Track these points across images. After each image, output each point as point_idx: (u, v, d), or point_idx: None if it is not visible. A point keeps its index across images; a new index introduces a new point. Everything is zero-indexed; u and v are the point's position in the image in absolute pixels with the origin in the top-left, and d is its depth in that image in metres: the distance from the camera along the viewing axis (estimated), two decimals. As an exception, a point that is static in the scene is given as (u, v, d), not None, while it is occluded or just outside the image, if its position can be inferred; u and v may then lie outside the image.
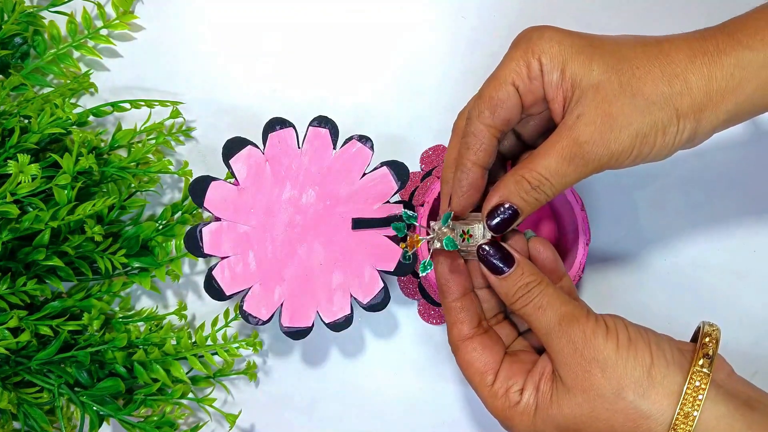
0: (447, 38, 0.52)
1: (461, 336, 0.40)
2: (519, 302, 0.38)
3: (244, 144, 0.44)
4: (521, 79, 0.36)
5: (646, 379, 0.35)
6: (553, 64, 0.36)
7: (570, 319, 0.36)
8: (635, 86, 0.35)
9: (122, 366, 0.47)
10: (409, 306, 0.52)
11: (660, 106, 0.35)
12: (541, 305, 0.37)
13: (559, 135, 0.36)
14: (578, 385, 0.36)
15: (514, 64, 0.37)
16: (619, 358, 0.35)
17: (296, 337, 0.45)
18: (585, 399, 0.35)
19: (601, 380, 0.35)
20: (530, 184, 0.36)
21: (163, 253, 0.49)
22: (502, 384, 0.38)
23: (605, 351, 0.35)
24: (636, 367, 0.35)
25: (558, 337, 0.36)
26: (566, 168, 0.36)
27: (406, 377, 0.52)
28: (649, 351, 0.36)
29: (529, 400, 0.37)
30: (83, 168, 0.44)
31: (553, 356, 0.37)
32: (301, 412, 0.52)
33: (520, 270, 0.38)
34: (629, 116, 0.35)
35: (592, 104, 0.35)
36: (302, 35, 0.52)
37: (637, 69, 0.35)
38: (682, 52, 0.35)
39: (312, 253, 0.45)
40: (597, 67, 0.35)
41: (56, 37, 0.50)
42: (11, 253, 0.45)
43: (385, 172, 0.45)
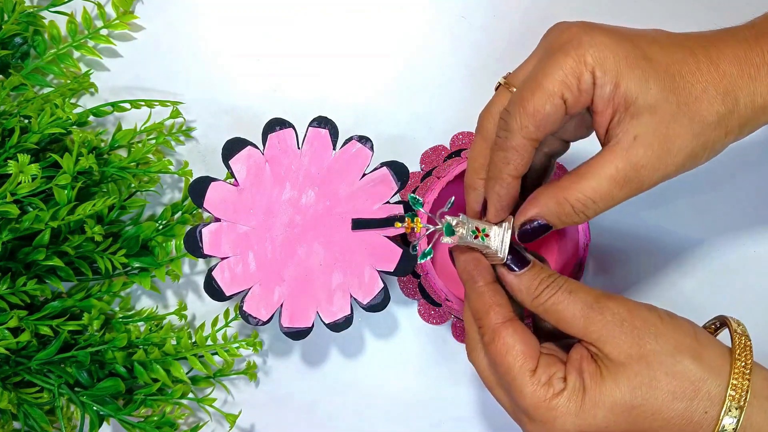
0: (447, 38, 0.52)
1: (501, 319, 0.37)
2: (545, 293, 0.36)
3: (244, 144, 0.44)
4: (571, 93, 0.34)
5: (697, 343, 0.35)
6: (607, 77, 0.33)
7: (607, 296, 0.36)
8: (693, 107, 0.34)
9: (122, 366, 0.47)
10: (409, 306, 0.52)
11: (714, 126, 0.34)
12: (572, 289, 0.36)
13: (613, 155, 0.34)
14: (632, 356, 0.34)
15: (563, 75, 0.33)
16: (666, 327, 0.35)
17: (296, 337, 0.45)
18: (641, 368, 0.34)
19: (656, 346, 0.34)
20: (573, 207, 0.35)
21: (163, 253, 0.49)
22: (545, 370, 0.36)
23: (653, 320, 0.35)
24: (686, 334, 0.35)
25: (601, 313, 0.35)
26: (618, 192, 0.34)
27: (406, 377, 0.52)
28: (690, 324, 0.36)
29: (576, 386, 0.35)
30: (83, 168, 0.44)
31: (596, 336, 0.35)
32: (301, 412, 0.52)
33: (537, 266, 0.37)
34: (686, 138, 0.34)
35: (650, 126, 0.33)
36: (302, 35, 0.52)
37: (693, 87, 0.34)
38: (731, 65, 0.34)
39: (312, 253, 0.45)
40: (654, 86, 0.33)
41: (56, 37, 0.50)
42: (11, 253, 0.45)
43: (384, 173, 0.45)
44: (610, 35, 0.34)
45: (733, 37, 0.35)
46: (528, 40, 0.51)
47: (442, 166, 0.49)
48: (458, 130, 0.51)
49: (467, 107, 0.51)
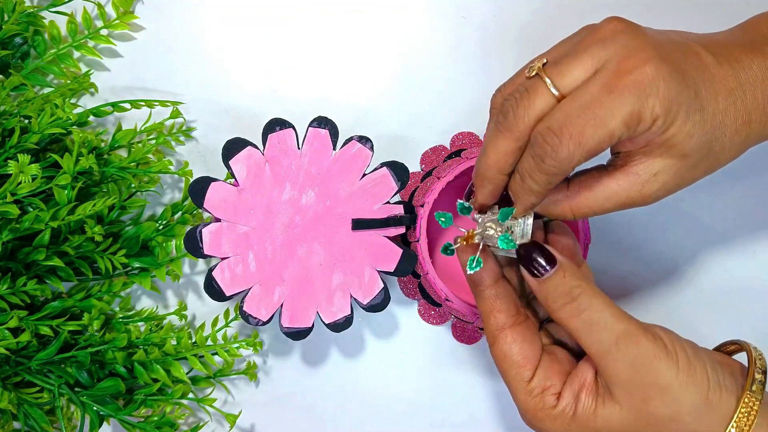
0: (447, 38, 0.52)
1: (499, 325, 0.37)
2: (564, 311, 0.35)
3: (244, 145, 0.44)
4: (628, 133, 0.32)
5: (704, 404, 0.34)
6: (660, 125, 0.32)
7: (627, 339, 0.34)
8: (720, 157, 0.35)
9: (122, 366, 0.47)
10: (409, 306, 0.52)
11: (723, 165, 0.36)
12: (593, 321, 0.35)
13: (629, 185, 0.35)
14: (633, 406, 0.35)
15: (627, 117, 0.32)
16: (679, 383, 0.34)
17: (296, 337, 0.45)
18: (635, 419, 0.35)
19: (660, 406, 0.34)
20: (575, 215, 0.36)
21: (163, 253, 0.49)
22: (540, 383, 0.36)
23: (667, 377, 0.34)
24: (696, 393, 0.34)
25: (615, 359, 0.34)
26: (614, 210, 0.36)
27: (406, 377, 0.52)
28: (707, 375, 0.35)
29: (566, 408, 0.36)
30: (83, 168, 0.44)
31: (606, 374, 0.35)
32: (301, 412, 0.52)
33: (561, 273, 0.35)
34: (696, 177, 0.35)
35: (673, 168, 0.34)
36: (302, 36, 0.52)
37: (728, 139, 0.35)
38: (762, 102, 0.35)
39: (312, 253, 0.45)
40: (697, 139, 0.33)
41: (56, 37, 0.50)
42: (11, 253, 0.45)
43: (385, 173, 0.45)
44: (667, 72, 0.32)
45: (742, 39, 0.36)
46: (528, 40, 0.51)
47: (442, 166, 0.49)
48: (458, 130, 0.51)
49: (467, 107, 0.51)
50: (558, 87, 0.33)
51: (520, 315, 0.38)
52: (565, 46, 0.35)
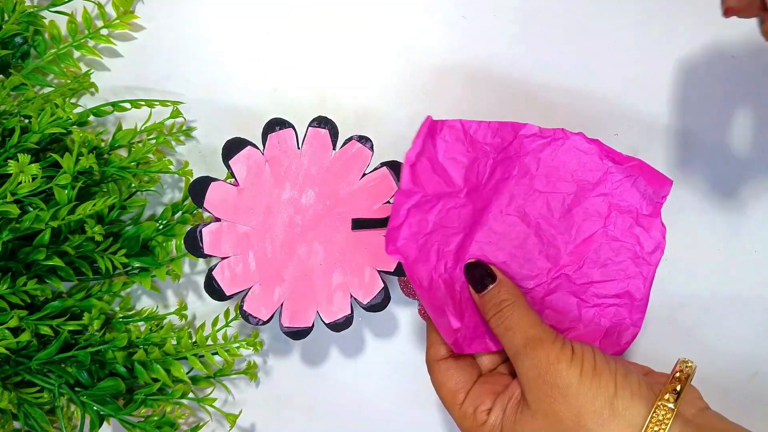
0: (447, 38, 0.52)
1: (437, 356, 0.42)
2: (492, 321, 0.39)
3: (244, 144, 0.44)
4: None
5: (608, 409, 0.35)
6: None
7: (535, 342, 0.37)
8: None
9: (122, 366, 0.47)
10: (409, 306, 0.52)
11: None
12: (510, 326, 0.39)
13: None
14: (540, 409, 0.36)
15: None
16: (581, 386, 0.36)
17: (296, 337, 0.45)
18: (546, 424, 0.36)
19: (562, 406, 0.36)
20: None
21: (163, 253, 0.49)
22: (471, 404, 0.40)
23: (568, 377, 0.36)
24: (598, 396, 0.35)
25: (523, 360, 0.37)
26: None
27: (407, 378, 0.52)
28: (614, 381, 0.36)
29: (495, 422, 0.38)
30: (83, 168, 0.44)
31: (520, 378, 0.38)
32: (301, 412, 0.52)
33: (497, 288, 0.40)
34: None
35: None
36: (302, 36, 0.52)
37: None
38: None
39: (312, 253, 0.45)
40: None
41: (56, 36, 0.50)
42: (11, 253, 0.45)
43: (384, 173, 0.45)
44: None
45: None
46: (528, 40, 0.51)
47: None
48: (458, 130, 0.51)
49: (467, 107, 0.51)
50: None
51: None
52: None
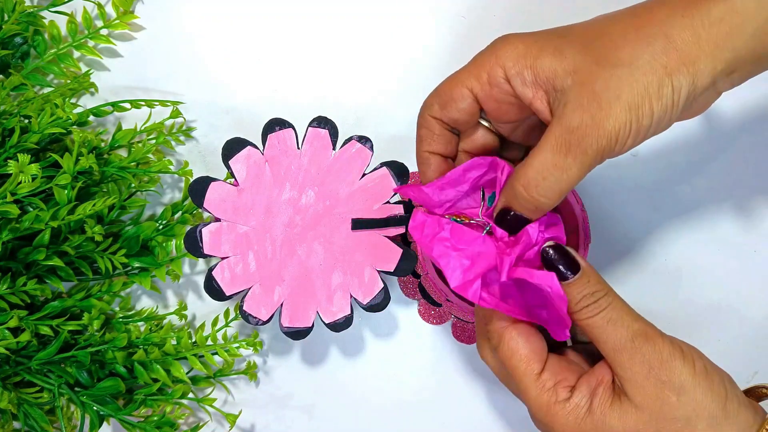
0: (447, 38, 0.52)
1: (503, 324, 0.37)
2: (585, 311, 0.35)
3: (244, 145, 0.44)
4: (479, 84, 0.35)
5: (721, 411, 0.34)
6: (520, 65, 0.34)
7: (644, 336, 0.35)
8: (612, 57, 0.32)
9: (122, 366, 0.47)
10: (409, 306, 0.52)
11: (644, 69, 0.32)
12: (611, 318, 0.35)
13: (550, 128, 0.33)
14: (648, 405, 0.34)
15: (474, 69, 0.36)
16: (696, 385, 0.34)
17: (296, 337, 0.45)
18: (652, 419, 0.34)
19: (676, 405, 0.34)
20: (529, 185, 0.34)
21: (163, 253, 0.49)
22: (551, 377, 0.36)
23: (682, 375, 0.34)
24: (713, 398, 0.34)
25: (631, 356, 0.34)
26: (564, 160, 0.33)
27: (406, 377, 0.52)
28: (724, 385, 0.35)
29: (581, 401, 0.35)
30: (83, 168, 0.44)
31: (621, 373, 0.35)
32: (301, 412, 0.52)
33: (585, 278, 0.36)
34: (615, 89, 0.32)
35: (575, 90, 0.33)
36: (302, 36, 0.52)
37: (611, 41, 0.33)
38: (660, 12, 0.33)
39: (312, 253, 0.45)
40: (569, 53, 0.33)
41: (56, 37, 0.50)
42: (11, 253, 0.45)
43: (384, 173, 0.45)
44: (525, 33, 0.35)
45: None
46: (528, 40, 0.51)
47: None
48: (458, 130, 0.51)
49: (467, 107, 0.51)
50: None
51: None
52: None
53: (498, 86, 0.35)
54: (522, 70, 0.34)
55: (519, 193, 0.35)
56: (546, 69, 0.34)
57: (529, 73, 0.34)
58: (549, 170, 0.33)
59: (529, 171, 0.34)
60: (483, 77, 0.35)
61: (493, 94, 0.36)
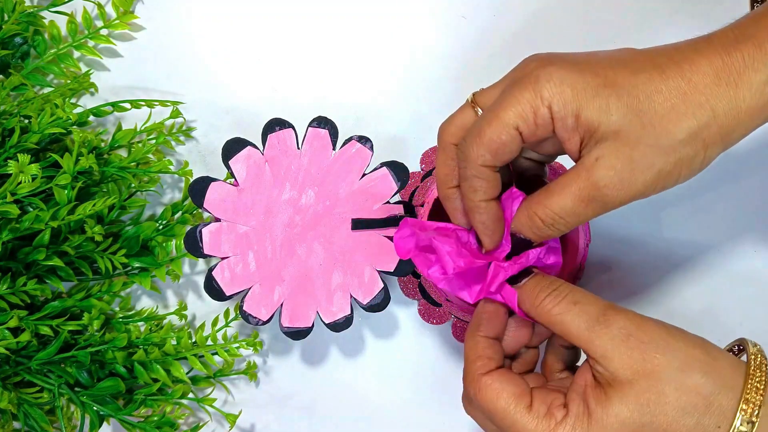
0: (447, 38, 0.52)
1: (483, 370, 0.37)
2: (548, 301, 0.36)
3: (244, 145, 0.44)
4: (527, 126, 0.34)
5: (708, 357, 0.34)
6: (566, 111, 0.34)
7: (613, 308, 0.35)
8: (658, 126, 0.33)
9: (122, 366, 0.47)
10: (409, 306, 0.52)
11: (685, 142, 0.33)
12: (576, 300, 0.35)
13: (576, 176, 0.34)
14: (638, 372, 0.34)
15: (520, 109, 0.34)
16: (675, 341, 0.34)
17: (296, 337, 0.45)
18: (649, 385, 0.33)
19: (664, 360, 0.34)
20: (543, 221, 0.35)
21: (163, 253, 0.49)
22: (542, 404, 0.35)
23: (661, 334, 0.34)
24: (695, 346, 0.34)
25: (606, 327, 0.34)
26: (583, 209, 0.35)
27: (406, 377, 0.52)
28: (699, 338, 0.35)
29: (579, 410, 0.34)
30: (83, 168, 0.44)
31: (601, 352, 0.34)
32: (301, 412, 0.52)
33: (539, 275, 0.37)
34: (652, 158, 0.33)
35: (612, 148, 0.33)
36: (302, 36, 0.52)
37: (659, 105, 0.33)
38: (705, 76, 0.33)
39: (311, 253, 0.45)
40: (615, 111, 0.33)
41: (56, 37, 0.50)
42: (11, 253, 0.45)
43: (384, 173, 0.45)
44: (569, 67, 0.34)
45: (710, 45, 0.34)
46: (528, 40, 0.51)
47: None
48: (458, 130, 0.51)
49: (467, 107, 0.51)
50: (480, 104, 0.37)
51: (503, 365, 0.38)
52: None
53: (543, 126, 0.34)
54: (567, 116, 0.34)
55: (537, 225, 0.36)
56: (590, 120, 0.34)
57: (572, 120, 0.34)
58: (567, 213, 0.35)
59: (548, 210, 0.35)
60: (530, 118, 0.34)
61: (537, 133, 0.35)
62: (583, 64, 0.34)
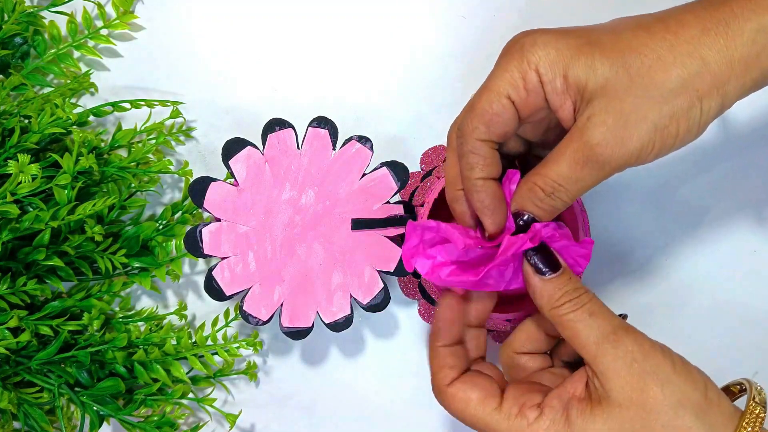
0: (447, 38, 0.52)
1: (446, 381, 0.37)
2: (568, 306, 0.35)
3: (244, 145, 0.44)
4: (517, 92, 0.34)
5: (704, 400, 0.34)
6: (553, 72, 0.33)
7: (625, 329, 0.35)
8: (646, 76, 0.32)
9: (122, 366, 0.47)
10: (409, 306, 0.52)
11: (677, 92, 0.32)
12: (593, 311, 0.35)
13: (570, 139, 0.34)
14: (633, 400, 0.34)
15: (509, 76, 0.34)
16: (677, 377, 0.34)
17: (296, 337, 0.45)
18: (638, 414, 0.34)
19: (660, 396, 0.33)
20: (544, 191, 0.35)
21: (163, 253, 0.49)
22: (514, 403, 0.36)
23: (665, 367, 0.34)
24: (695, 388, 0.34)
25: (614, 347, 0.34)
26: (580, 173, 0.34)
27: (406, 378, 0.52)
28: (702, 378, 0.35)
29: (557, 416, 0.34)
30: (83, 168, 0.44)
31: (603, 368, 0.34)
32: (301, 412, 0.52)
33: (567, 275, 0.36)
34: (644, 110, 0.32)
35: (602, 105, 0.33)
36: (302, 36, 0.52)
37: (645, 57, 0.33)
38: (692, 28, 0.33)
39: (311, 253, 0.45)
40: (601, 65, 0.33)
41: (56, 37, 0.50)
42: (11, 253, 0.45)
43: (384, 173, 0.45)
44: (553, 33, 0.34)
45: (700, 3, 0.34)
46: (528, 40, 0.51)
47: (442, 166, 0.49)
48: (458, 130, 0.51)
49: (467, 107, 0.51)
50: None
51: (468, 373, 0.38)
52: None
53: (534, 92, 0.34)
54: (554, 77, 0.34)
55: (539, 196, 0.35)
56: (577, 78, 0.33)
57: (561, 82, 0.34)
58: (566, 179, 0.34)
59: (546, 179, 0.35)
60: (519, 84, 0.34)
61: (529, 101, 0.34)
62: (570, 31, 0.35)
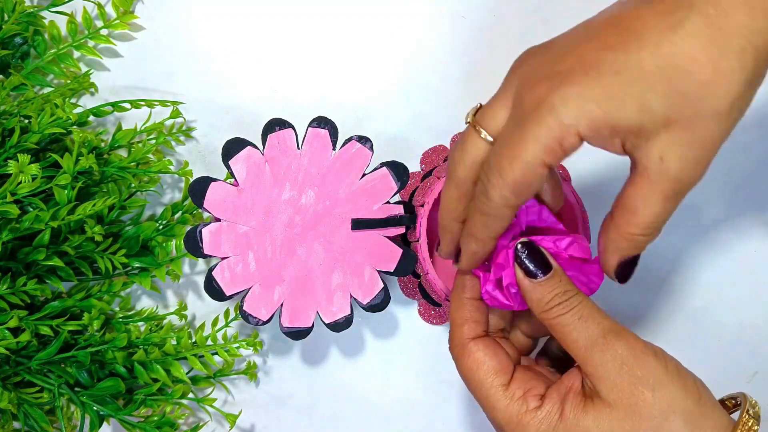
0: (447, 38, 0.52)
1: (470, 335, 0.37)
2: (556, 309, 0.35)
3: (244, 145, 0.44)
4: (554, 157, 0.31)
5: (697, 408, 0.33)
6: (598, 126, 0.31)
7: (616, 333, 0.34)
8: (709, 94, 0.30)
9: (122, 366, 0.47)
10: (409, 306, 0.52)
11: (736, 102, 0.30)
12: (582, 315, 0.35)
13: (650, 181, 0.32)
14: (622, 402, 0.34)
15: (543, 144, 0.31)
16: (669, 381, 0.34)
17: (296, 337, 0.45)
18: (627, 416, 0.34)
19: (651, 401, 0.33)
20: (643, 235, 0.33)
21: (163, 253, 0.49)
22: (520, 387, 0.36)
23: (656, 371, 0.34)
24: (688, 395, 0.34)
25: (602, 350, 0.34)
26: (672, 205, 0.32)
27: (406, 378, 0.52)
28: (696, 385, 0.34)
29: (552, 409, 0.35)
30: (83, 168, 0.44)
31: (592, 370, 0.34)
32: (301, 412, 0.52)
33: (557, 277, 0.36)
34: (715, 128, 0.31)
35: (671, 141, 0.31)
36: (302, 36, 0.52)
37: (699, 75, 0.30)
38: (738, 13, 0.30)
39: (311, 253, 0.45)
40: (656, 103, 0.30)
41: (56, 37, 0.50)
42: (11, 253, 0.45)
43: (384, 173, 0.45)
44: (580, 80, 0.31)
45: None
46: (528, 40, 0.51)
47: (442, 166, 0.49)
48: (458, 131, 0.51)
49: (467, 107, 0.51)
50: (489, 131, 0.34)
51: (488, 336, 0.38)
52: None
53: (572, 149, 0.32)
54: (600, 131, 0.31)
55: (637, 242, 0.34)
56: (630, 124, 0.31)
57: (608, 131, 0.31)
58: (660, 218, 0.33)
59: (641, 226, 0.33)
60: (556, 149, 0.31)
61: (567, 155, 0.32)
62: (593, 65, 0.31)
